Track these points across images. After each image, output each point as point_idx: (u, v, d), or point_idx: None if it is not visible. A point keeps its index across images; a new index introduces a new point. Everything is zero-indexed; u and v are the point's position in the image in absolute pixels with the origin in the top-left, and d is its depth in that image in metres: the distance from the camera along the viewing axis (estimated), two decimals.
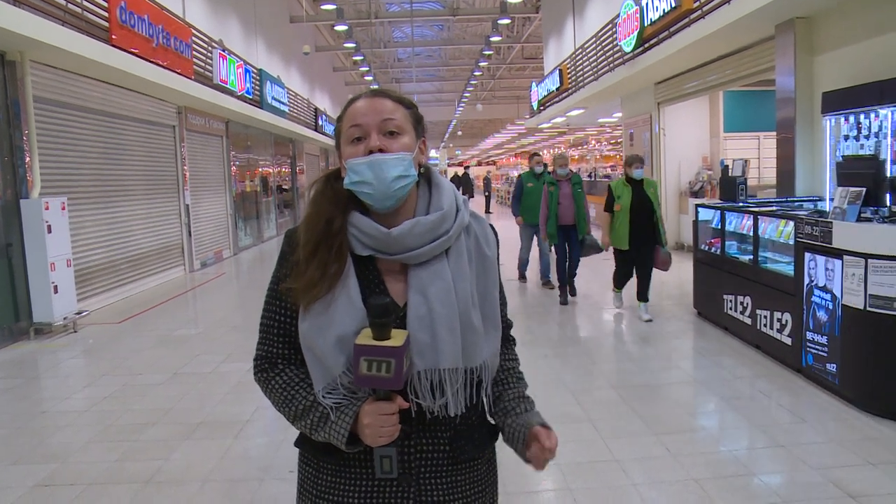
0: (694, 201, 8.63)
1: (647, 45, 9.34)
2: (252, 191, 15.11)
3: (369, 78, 24.44)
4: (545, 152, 28.14)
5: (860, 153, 5.56)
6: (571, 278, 7.59)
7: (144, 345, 6.24)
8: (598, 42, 12.14)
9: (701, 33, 7.54)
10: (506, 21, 17.17)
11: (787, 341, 4.78)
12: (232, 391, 4.77)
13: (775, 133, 7.14)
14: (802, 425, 3.86)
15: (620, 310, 6.92)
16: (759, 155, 11.48)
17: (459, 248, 1.29)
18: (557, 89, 15.28)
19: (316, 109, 20.67)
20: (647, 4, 8.99)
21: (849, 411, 3.99)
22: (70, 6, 6.81)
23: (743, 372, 4.85)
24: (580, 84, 13.57)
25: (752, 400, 4.35)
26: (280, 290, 1.29)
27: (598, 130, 25.44)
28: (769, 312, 5.06)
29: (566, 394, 4.50)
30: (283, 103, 15.70)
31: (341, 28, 17.77)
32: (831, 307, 4.19)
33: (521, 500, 3.12)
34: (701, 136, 11.63)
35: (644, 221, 6.27)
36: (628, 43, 9.89)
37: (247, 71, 12.86)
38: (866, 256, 3.84)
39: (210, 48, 11.04)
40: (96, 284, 8.08)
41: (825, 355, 4.29)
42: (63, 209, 6.75)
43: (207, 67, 10.85)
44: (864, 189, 4.14)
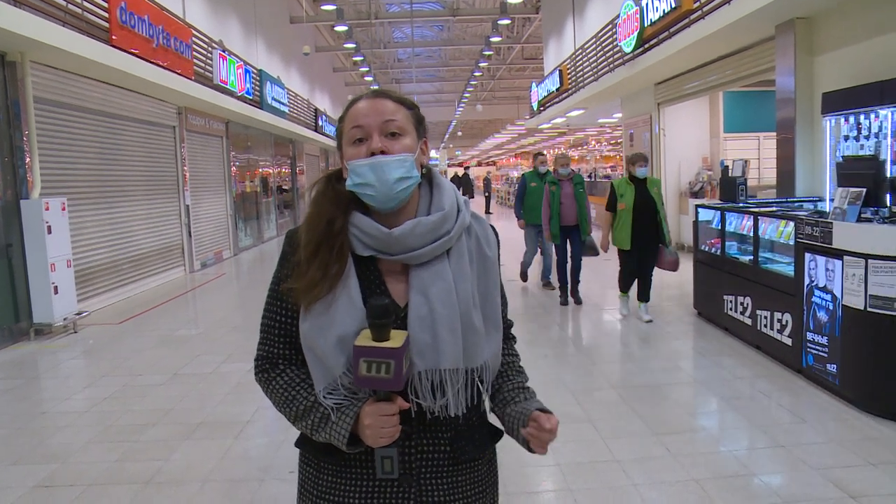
0: (694, 202, 8.62)
1: (647, 46, 9.33)
2: (252, 191, 15.11)
3: (369, 78, 24.45)
4: (546, 153, 28.10)
5: (860, 153, 5.55)
6: (575, 285, 7.43)
7: (145, 345, 6.24)
8: (599, 42, 12.14)
9: (701, 34, 7.54)
10: (506, 21, 17.17)
11: (788, 342, 4.78)
12: (232, 391, 4.77)
13: (775, 133, 7.14)
14: (803, 425, 3.86)
15: (623, 313, 6.76)
16: (759, 155, 11.47)
17: (460, 249, 1.29)
18: (557, 90, 15.28)
19: (316, 110, 20.66)
20: (647, 5, 8.98)
21: (849, 411, 3.99)
22: (70, 7, 6.81)
23: (743, 372, 4.85)
24: (580, 84, 13.57)
25: (753, 400, 4.35)
26: (281, 291, 1.29)
27: (598, 131, 25.47)
28: (769, 313, 5.06)
29: (566, 394, 4.50)
30: (283, 104, 15.70)
31: (341, 28, 17.80)
32: (831, 308, 4.19)
33: (522, 501, 3.12)
34: (701, 137, 11.63)
35: (647, 221, 6.24)
36: (628, 43, 9.88)
37: (247, 71, 12.86)
38: (866, 257, 3.85)
39: (210, 49, 11.04)
40: (96, 285, 8.08)
41: (825, 356, 4.29)
42: (63, 210, 6.75)
43: (207, 68, 10.85)
44: (865, 189, 4.15)
